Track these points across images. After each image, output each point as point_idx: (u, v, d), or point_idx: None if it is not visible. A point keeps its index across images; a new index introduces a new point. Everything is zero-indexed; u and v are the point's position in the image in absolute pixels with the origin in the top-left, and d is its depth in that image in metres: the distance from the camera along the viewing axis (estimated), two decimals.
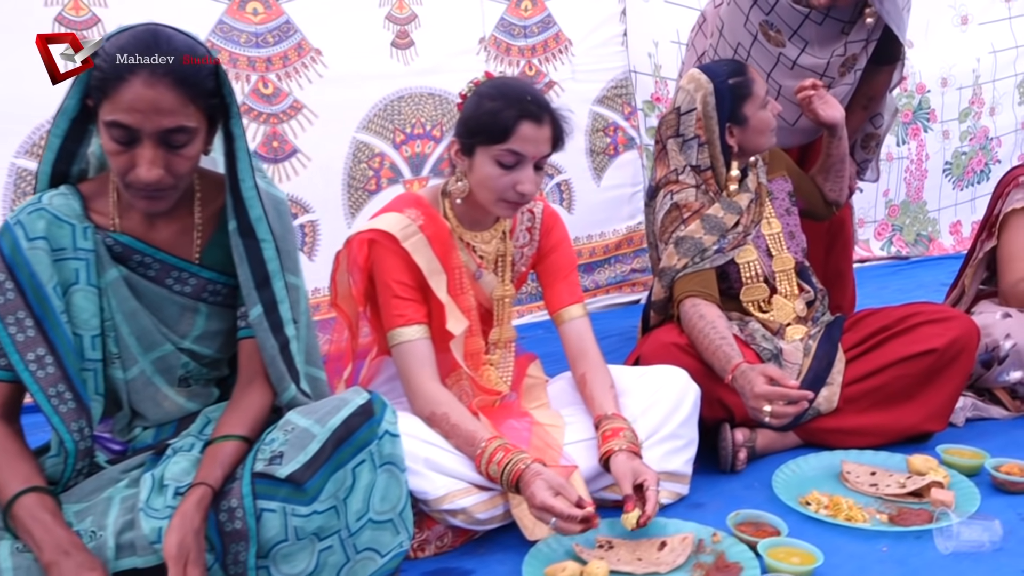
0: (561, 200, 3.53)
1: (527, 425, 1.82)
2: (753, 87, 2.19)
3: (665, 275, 2.17)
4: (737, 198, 2.23)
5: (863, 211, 4.52)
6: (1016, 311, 2.28)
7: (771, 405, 1.82)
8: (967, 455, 1.97)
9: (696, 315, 2.04)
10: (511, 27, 3.33)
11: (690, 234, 2.15)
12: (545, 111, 1.76)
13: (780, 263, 2.26)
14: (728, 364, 1.92)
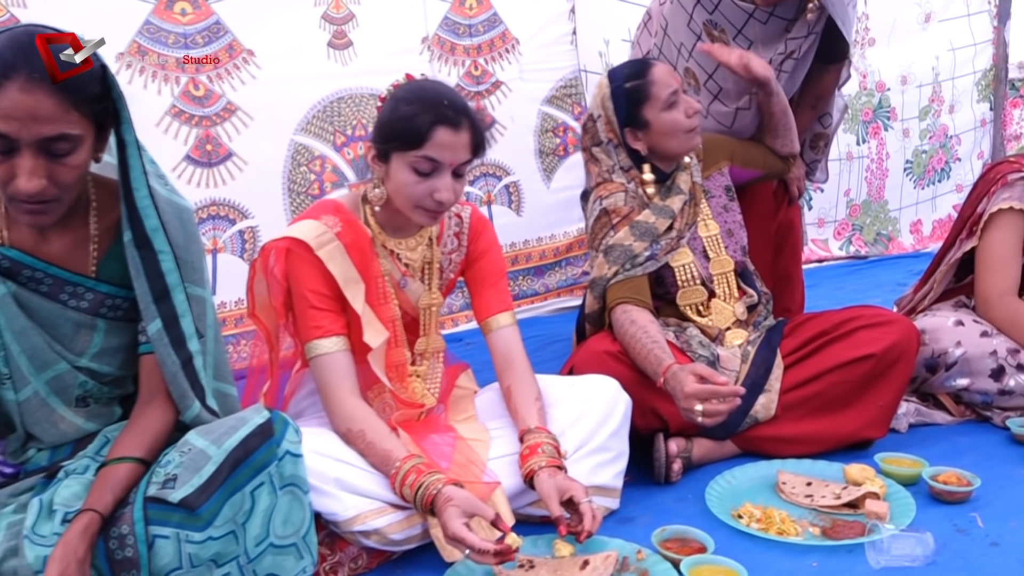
0: (510, 202, 3.47)
1: (450, 440, 1.75)
2: (651, 89, 2.11)
3: (596, 286, 2.10)
4: (669, 201, 2.16)
5: (823, 211, 4.50)
6: (968, 318, 2.23)
7: (703, 404, 1.76)
8: (905, 464, 1.92)
9: (627, 321, 1.98)
10: (455, 26, 3.26)
11: (619, 242, 2.08)
12: (463, 116, 1.69)
13: (718, 265, 2.20)
14: (659, 367, 1.86)
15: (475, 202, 3.39)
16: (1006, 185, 2.26)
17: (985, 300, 2.25)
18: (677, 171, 2.22)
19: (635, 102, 2.10)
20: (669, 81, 2.12)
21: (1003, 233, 2.24)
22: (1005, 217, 2.24)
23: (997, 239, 2.24)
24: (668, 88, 2.10)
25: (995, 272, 2.24)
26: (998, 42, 4.83)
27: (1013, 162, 2.31)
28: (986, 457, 2.04)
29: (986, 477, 1.89)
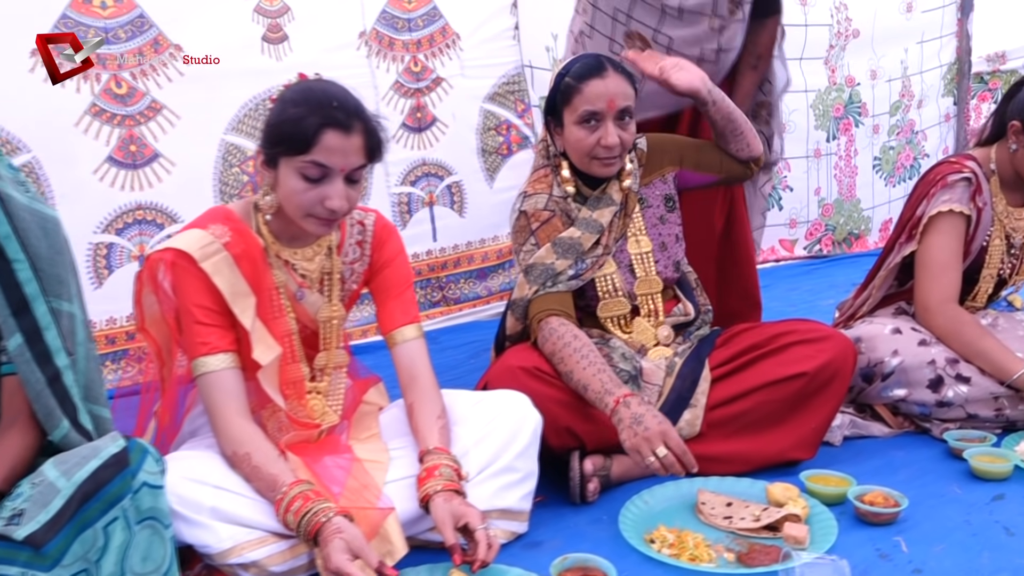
0: (452, 203, 3.36)
1: (346, 463, 1.65)
2: (575, 98, 1.91)
3: (517, 307, 1.99)
4: (597, 214, 2.02)
5: (795, 211, 4.40)
6: (907, 326, 2.14)
7: (664, 449, 1.65)
8: (832, 482, 1.83)
9: (567, 335, 1.86)
10: (394, 20, 3.15)
11: (540, 260, 1.96)
12: (355, 118, 1.58)
13: (645, 285, 2.06)
14: (607, 396, 1.75)
15: (417, 203, 3.28)
16: (946, 187, 2.16)
17: (924, 307, 2.16)
18: (610, 182, 2.08)
19: (562, 99, 1.97)
20: (598, 102, 1.90)
21: (943, 237, 2.15)
22: (945, 220, 2.14)
23: (937, 243, 2.15)
24: (591, 107, 1.90)
25: (935, 279, 2.14)
26: (961, 35, 4.75)
27: (954, 163, 2.21)
28: (920, 473, 1.95)
29: (917, 496, 1.81)
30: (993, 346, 2.07)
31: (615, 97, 1.90)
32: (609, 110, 1.90)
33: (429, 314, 3.34)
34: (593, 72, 1.91)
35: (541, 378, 1.85)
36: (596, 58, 1.95)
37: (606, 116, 1.90)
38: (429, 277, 3.33)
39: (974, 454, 1.93)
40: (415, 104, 3.20)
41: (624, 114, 1.92)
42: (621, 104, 1.91)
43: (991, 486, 1.87)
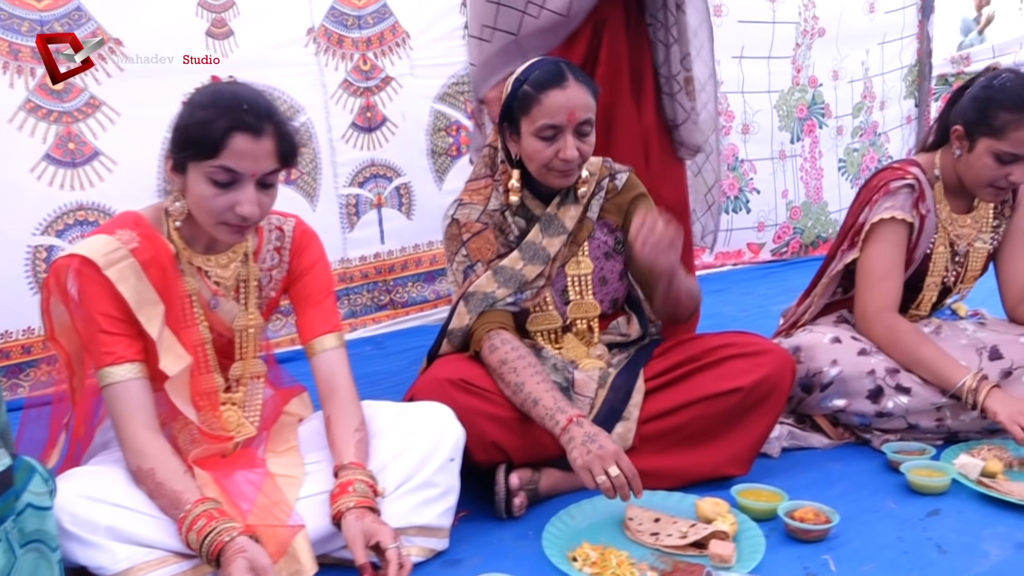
0: (400, 205, 3.30)
1: (257, 478, 1.59)
2: (534, 109, 1.82)
3: (455, 336, 1.92)
4: (547, 242, 1.93)
5: (763, 214, 4.36)
6: (847, 335, 2.10)
7: (616, 469, 1.60)
8: (764, 496, 1.79)
9: (518, 345, 1.82)
10: (343, 17, 3.08)
11: (480, 289, 1.89)
12: (265, 121, 1.52)
13: (579, 309, 1.99)
14: (559, 415, 1.69)
15: (365, 205, 3.22)
16: (888, 193, 2.12)
17: (863, 316, 2.12)
18: (566, 200, 1.97)
19: (519, 108, 1.86)
20: (557, 115, 1.80)
21: (884, 245, 2.11)
22: (887, 227, 2.11)
23: (878, 251, 2.11)
24: (550, 120, 1.81)
25: (874, 287, 2.11)
26: (922, 36, 4.73)
27: (897, 169, 2.17)
28: (857, 487, 1.91)
29: (850, 511, 1.77)
30: (934, 354, 2.03)
31: (575, 109, 1.81)
32: (569, 123, 1.82)
33: (376, 317, 3.28)
34: (553, 81, 1.82)
35: (468, 390, 1.80)
36: (556, 65, 1.86)
37: (565, 129, 1.82)
38: (376, 280, 3.27)
39: (911, 467, 1.90)
40: (365, 103, 3.14)
41: (584, 126, 1.84)
42: (582, 117, 1.83)
43: (927, 501, 1.83)
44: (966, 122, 2.05)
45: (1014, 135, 1.96)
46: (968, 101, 2.06)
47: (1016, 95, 1.97)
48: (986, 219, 2.19)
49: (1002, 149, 1.98)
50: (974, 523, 1.74)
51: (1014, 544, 1.65)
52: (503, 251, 1.95)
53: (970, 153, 2.05)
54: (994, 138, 1.99)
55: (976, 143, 2.03)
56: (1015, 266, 2.19)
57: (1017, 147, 1.97)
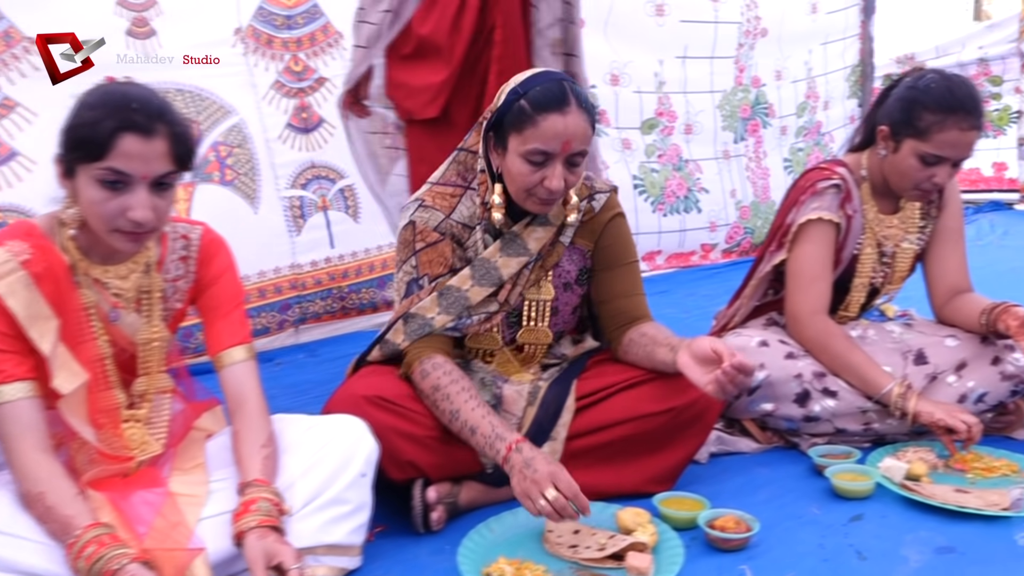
0: (346, 207, 3.23)
1: (157, 499, 1.52)
2: (527, 129, 1.68)
3: (387, 347, 1.86)
4: (503, 261, 1.83)
5: (713, 214, 4.36)
6: (775, 339, 2.09)
7: (554, 491, 1.55)
8: (686, 505, 1.76)
9: (451, 370, 1.75)
10: (272, 17, 3.00)
11: (421, 312, 1.81)
12: (157, 121, 1.45)
13: (530, 335, 1.91)
14: (500, 443, 1.64)
15: (310, 207, 3.15)
16: (815, 194, 2.11)
17: (795, 319, 2.11)
18: (535, 220, 1.85)
19: (512, 123, 1.72)
20: (552, 141, 1.68)
21: (812, 246, 2.10)
22: (814, 228, 2.09)
23: (806, 252, 2.10)
24: (544, 146, 1.68)
25: (804, 289, 2.09)
26: (864, 36, 4.77)
27: (824, 169, 2.16)
28: (782, 492, 1.89)
29: (773, 518, 1.75)
30: (862, 360, 2.03)
31: (572, 139, 1.70)
32: (563, 152, 1.70)
33: (331, 325, 3.20)
34: (554, 104, 1.69)
35: (384, 407, 1.74)
36: (559, 85, 1.72)
37: (557, 157, 1.70)
38: (330, 287, 3.20)
39: (836, 472, 1.88)
40: (299, 104, 3.07)
41: (577, 156, 1.73)
42: (577, 148, 1.71)
43: (851, 505, 1.82)
44: (891, 123, 2.04)
45: (938, 137, 1.96)
46: (893, 102, 2.06)
47: (940, 97, 1.97)
48: (913, 220, 2.19)
49: (926, 151, 1.98)
50: (896, 528, 1.73)
51: (934, 549, 1.64)
52: (458, 266, 1.85)
53: (895, 154, 2.05)
54: (918, 139, 1.98)
55: (901, 144, 2.02)
56: (942, 266, 2.19)
57: (941, 149, 1.97)
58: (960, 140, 1.96)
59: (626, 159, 4.01)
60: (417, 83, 2.38)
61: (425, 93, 2.38)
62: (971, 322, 2.09)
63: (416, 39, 2.36)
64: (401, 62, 2.41)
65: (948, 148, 1.96)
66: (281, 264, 3.04)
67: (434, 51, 2.34)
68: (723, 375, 1.61)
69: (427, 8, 2.32)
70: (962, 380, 2.07)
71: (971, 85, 2.03)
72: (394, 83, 2.44)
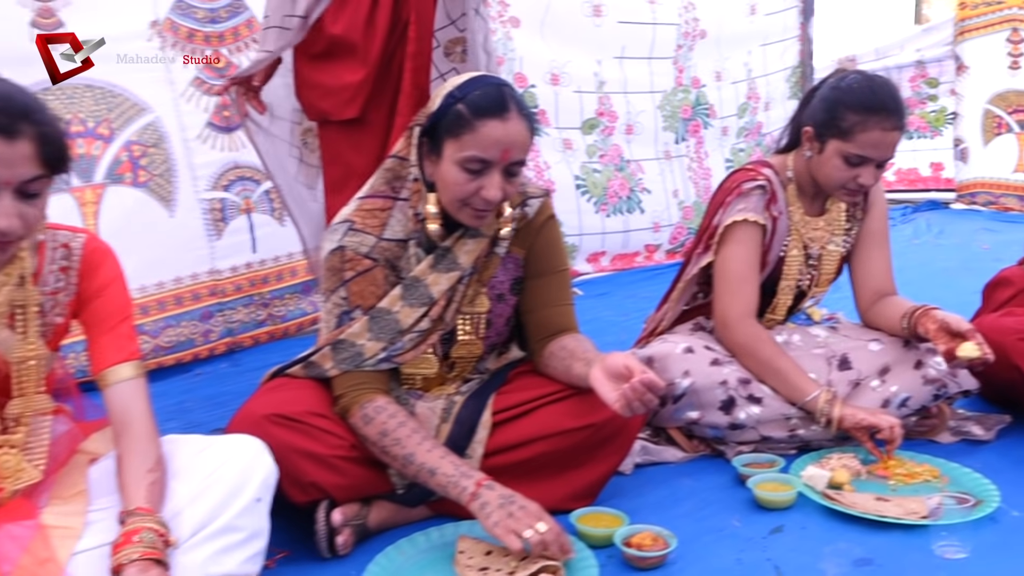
0: (272, 210, 3.12)
1: (26, 533, 1.41)
2: (465, 135, 1.60)
3: (312, 369, 1.76)
4: (433, 279, 1.73)
5: (656, 215, 4.33)
6: (700, 344, 2.04)
7: (544, 525, 1.50)
8: (604, 521, 1.70)
9: (396, 412, 1.66)
10: (192, 10, 2.88)
11: (352, 338, 1.70)
12: (21, 121, 1.33)
13: (463, 348, 1.83)
14: (467, 480, 1.57)
15: (232, 210, 3.02)
16: (741, 195, 2.07)
17: (723, 323, 2.07)
18: (467, 233, 1.76)
19: (448, 128, 1.63)
20: (491, 149, 1.60)
21: (739, 248, 2.05)
22: (740, 230, 2.05)
23: (732, 254, 2.06)
24: (482, 153, 1.60)
25: (732, 292, 2.05)
26: (803, 38, 4.79)
27: (750, 170, 2.13)
28: (704, 504, 1.85)
29: (693, 532, 1.71)
30: (789, 367, 2.00)
31: (512, 147, 1.62)
32: (501, 160, 1.62)
33: (255, 335, 3.08)
34: (494, 110, 1.61)
35: (286, 425, 1.64)
36: (499, 90, 1.65)
37: (495, 165, 1.63)
38: (251, 293, 3.07)
39: (758, 482, 1.84)
40: (222, 102, 2.94)
41: (515, 166, 1.66)
42: (516, 156, 1.64)
43: (772, 516, 1.78)
44: (815, 124, 2.02)
45: (861, 137, 1.93)
46: (817, 102, 2.03)
47: (862, 97, 1.94)
48: (838, 222, 2.16)
49: (850, 151, 1.95)
50: (815, 539, 1.69)
51: (852, 561, 1.61)
52: (392, 291, 1.74)
53: (820, 155, 2.02)
54: (842, 140, 1.96)
55: (825, 145, 2.00)
56: (867, 269, 2.17)
57: (864, 149, 1.94)
58: (883, 140, 1.94)
59: (567, 159, 3.96)
60: (333, 83, 2.27)
61: (342, 93, 2.28)
62: (893, 326, 2.07)
63: (328, 38, 2.26)
64: (313, 61, 2.31)
65: (871, 148, 1.94)
66: (199, 270, 2.91)
67: (349, 50, 2.25)
68: (630, 391, 1.56)
69: (338, 6, 2.23)
70: (885, 385, 2.05)
71: (893, 85, 2.01)
72: (307, 83, 2.33)
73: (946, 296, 3.33)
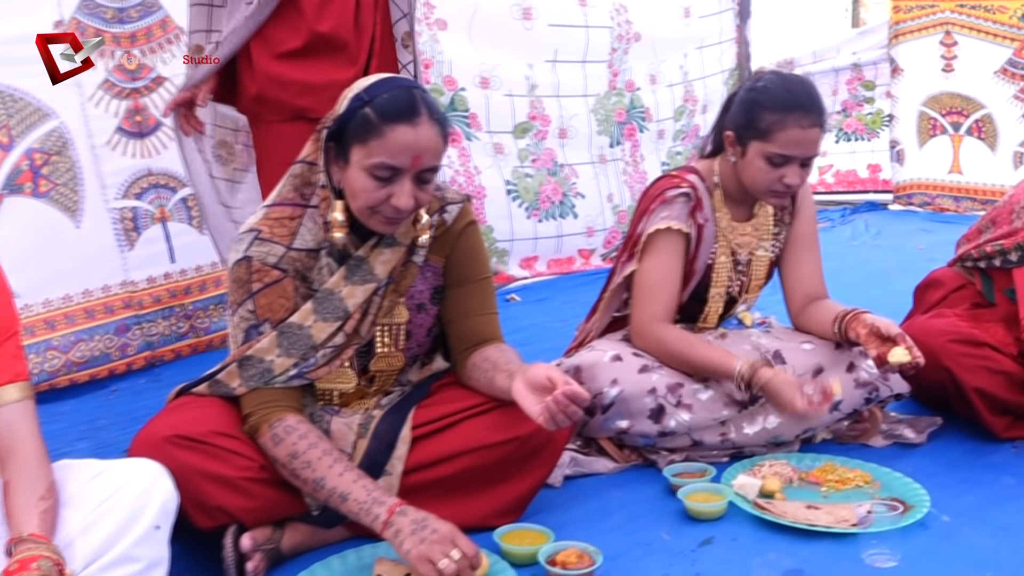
0: (190, 218, 2.99)
1: None
2: (372, 140, 1.53)
3: (219, 387, 1.65)
4: (348, 291, 1.64)
5: (590, 219, 4.28)
6: (628, 352, 1.99)
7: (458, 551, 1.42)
8: (528, 538, 1.64)
9: (307, 433, 1.57)
10: (100, 9, 2.73)
11: (260, 354, 1.61)
12: None
13: (382, 361, 1.76)
14: (379, 506, 1.49)
15: (146, 219, 2.88)
16: (664, 203, 2.03)
17: (636, 331, 2.03)
18: (382, 242, 1.68)
19: (355, 132, 1.55)
20: (401, 155, 1.53)
21: (659, 256, 2.01)
22: (662, 238, 2.01)
23: (652, 264, 2.01)
24: (391, 160, 1.53)
25: (644, 300, 2.01)
26: (740, 40, 4.81)
27: (674, 176, 2.09)
28: (634, 516, 1.79)
29: (621, 546, 1.66)
30: (707, 354, 1.96)
31: (423, 153, 1.55)
32: (412, 167, 1.55)
33: (176, 348, 2.95)
34: (404, 114, 1.54)
35: (188, 447, 1.55)
36: (409, 93, 1.57)
37: (406, 172, 1.55)
38: (172, 305, 2.93)
39: (688, 492, 1.80)
40: (133, 106, 2.81)
41: (428, 173, 1.58)
42: (427, 163, 1.57)
43: (702, 528, 1.74)
44: (735, 127, 1.99)
45: (780, 136, 1.91)
46: (736, 105, 2.01)
47: (778, 96, 1.92)
48: (766, 227, 2.13)
49: (771, 151, 1.92)
50: (745, 551, 1.65)
51: (781, 572, 1.58)
52: (304, 304, 1.65)
53: (743, 158, 1.99)
54: (762, 141, 1.93)
55: (747, 147, 1.97)
56: (797, 273, 2.15)
57: (785, 148, 1.91)
58: (802, 137, 1.91)
59: (499, 164, 3.90)
60: (318, 80, 2.21)
61: (329, 90, 2.19)
62: (825, 330, 2.05)
63: (312, 34, 2.21)
64: (286, 59, 2.25)
65: (791, 146, 1.91)
66: (111, 282, 2.76)
67: (338, 48, 2.23)
68: (553, 404, 1.50)
69: (323, 4, 2.20)
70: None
71: (809, 83, 1.99)
72: (279, 81, 2.25)
73: (882, 297, 3.37)
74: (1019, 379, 2.09)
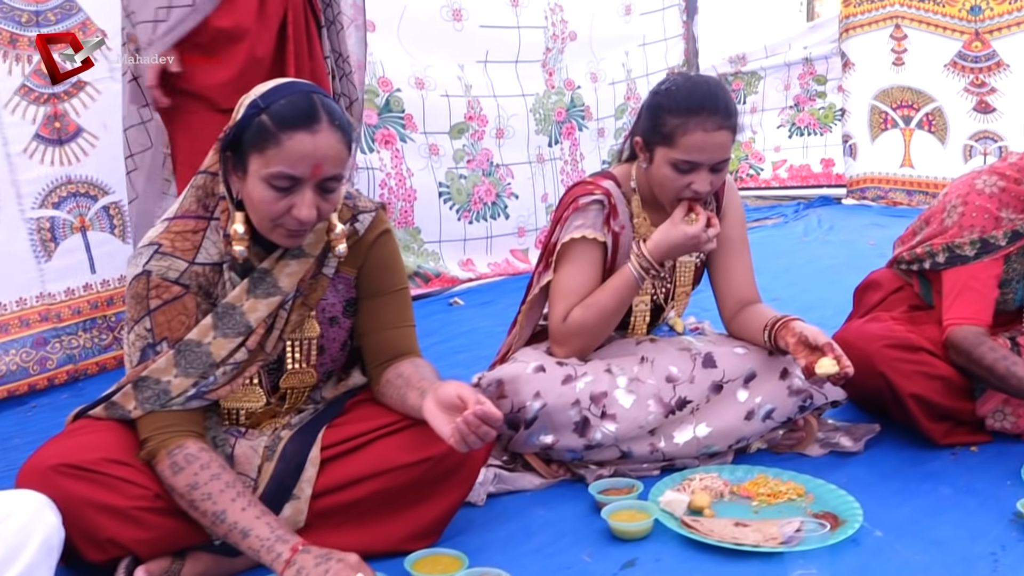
0: (112, 227, 2.88)
1: None
2: (269, 149, 1.45)
3: (114, 410, 1.56)
4: (250, 305, 1.56)
5: (522, 219, 4.22)
6: (551, 362, 1.92)
7: None
8: (440, 565, 1.56)
9: (209, 463, 1.49)
10: (15, 13, 2.61)
11: (155, 374, 1.53)
12: None
13: (294, 378, 1.68)
14: (283, 544, 1.43)
15: (64, 229, 2.76)
16: (578, 210, 1.96)
17: (554, 338, 1.97)
18: (288, 253, 1.60)
19: (252, 141, 1.48)
20: (300, 165, 1.45)
21: (573, 266, 1.95)
22: (577, 247, 1.95)
23: (566, 273, 1.95)
24: (290, 169, 1.45)
25: (560, 305, 1.95)
26: (688, 37, 4.77)
27: (588, 183, 2.01)
28: (556, 537, 1.72)
29: (539, 570, 1.60)
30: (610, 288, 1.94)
31: (324, 162, 1.47)
32: (312, 176, 1.47)
33: (100, 361, 2.84)
34: (302, 121, 1.46)
35: (77, 476, 1.45)
36: (308, 98, 1.49)
37: (306, 182, 1.48)
38: (93, 316, 2.82)
39: (612, 511, 1.73)
40: (51, 112, 2.69)
41: (331, 182, 1.51)
42: (329, 172, 1.49)
43: (627, 548, 1.67)
44: (643, 132, 1.92)
45: (683, 141, 1.83)
46: (643, 111, 1.94)
47: (680, 99, 1.84)
48: None
49: (676, 157, 1.85)
50: (669, 572, 1.59)
51: None
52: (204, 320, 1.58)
53: (651, 165, 1.92)
54: (667, 147, 1.85)
55: (654, 153, 1.89)
56: (726, 278, 2.08)
57: (689, 153, 1.84)
58: (707, 142, 1.83)
59: (432, 165, 3.84)
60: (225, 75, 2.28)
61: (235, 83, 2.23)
62: (756, 336, 1.99)
63: (212, 30, 2.24)
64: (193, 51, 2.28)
65: (696, 152, 1.83)
66: (27, 294, 2.65)
67: (238, 38, 2.26)
68: (463, 425, 1.43)
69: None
70: (751, 396, 1.97)
71: (717, 83, 1.93)
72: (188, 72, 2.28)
73: (830, 295, 3.33)
74: (957, 384, 2.05)
